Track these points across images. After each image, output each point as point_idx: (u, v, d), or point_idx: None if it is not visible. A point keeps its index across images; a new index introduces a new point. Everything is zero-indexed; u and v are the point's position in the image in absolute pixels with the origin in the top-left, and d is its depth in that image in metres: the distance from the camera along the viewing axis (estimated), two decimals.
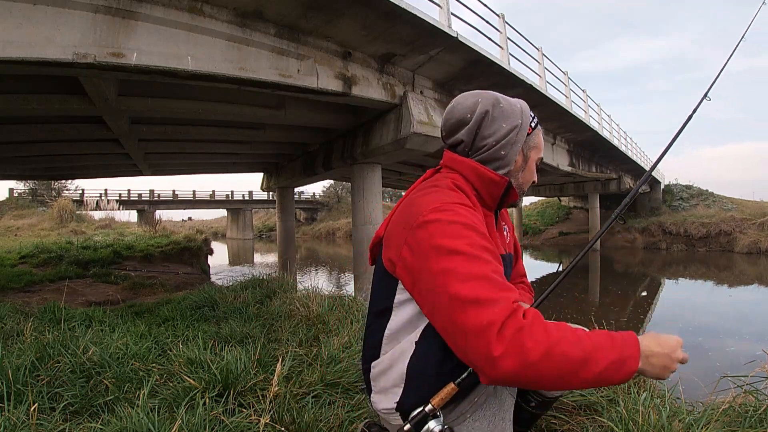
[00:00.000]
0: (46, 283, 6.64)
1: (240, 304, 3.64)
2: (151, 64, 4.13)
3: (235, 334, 2.69)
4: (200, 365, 1.88)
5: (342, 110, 7.52)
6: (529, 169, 0.98)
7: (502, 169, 0.92)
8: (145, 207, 32.69)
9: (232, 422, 1.42)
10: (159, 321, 3.50)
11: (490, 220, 0.94)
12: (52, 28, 3.66)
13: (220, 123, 8.05)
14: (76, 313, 3.21)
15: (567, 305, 9.00)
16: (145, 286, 6.82)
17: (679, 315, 8.65)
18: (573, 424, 1.47)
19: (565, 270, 0.99)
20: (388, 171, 14.63)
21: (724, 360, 5.53)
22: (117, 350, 2.14)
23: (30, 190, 26.09)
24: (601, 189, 19.70)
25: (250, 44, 4.78)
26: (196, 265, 10.42)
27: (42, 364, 1.92)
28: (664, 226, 20.35)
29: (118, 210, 17.93)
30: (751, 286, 11.96)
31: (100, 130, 7.24)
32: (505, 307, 0.69)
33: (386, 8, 4.80)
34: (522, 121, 0.93)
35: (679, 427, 1.33)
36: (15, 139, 7.67)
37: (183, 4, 4.22)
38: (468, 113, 0.91)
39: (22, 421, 1.43)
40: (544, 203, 29.64)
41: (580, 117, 11.85)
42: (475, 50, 6.16)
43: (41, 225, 14.90)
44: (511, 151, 0.92)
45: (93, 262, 8.29)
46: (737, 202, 22.00)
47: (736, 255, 17.35)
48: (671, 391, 1.68)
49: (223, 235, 40.37)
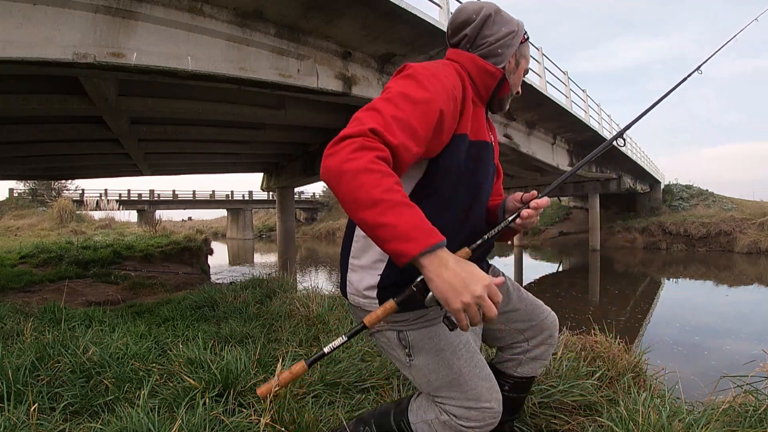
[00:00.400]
0: (46, 283, 6.64)
1: (240, 304, 3.64)
2: (151, 64, 4.13)
3: (235, 334, 2.69)
4: (200, 365, 1.88)
5: (342, 110, 7.52)
6: (518, 74, 1.08)
7: (497, 65, 1.02)
8: (145, 207, 32.72)
9: (232, 422, 1.42)
10: (159, 321, 3.50)
11: (480, 110, 1.02)
12: (52, 28, 3.66)
13: (220, 123, 8.05)
14: (76, 313, 3.21)
15: (567, 305, 9.01)
16: (145, 286, 6.82)
17: (679, 315, 8.66)
18: (573, 424, 1.47)
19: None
20: None
21: (724, 360, 5.54)
22: (117, 350, 2.14)
23: (30, 190, 26.12)
24: (601, 189, 19.69)
25: (250, 44, 4.79)
26: (196, 265, 10.42)
27: (42, 364, 1.91)
28: (664, 226, 20.35)
29: (118, 210, 17.93)
30: (751, 286, 11.96)
31: (100, 130, 7.24)
32: (365, 130, 0.73)
33: (386, 8, 4.81)
34: (518, 29, 1.05)
35: (679, 427, 1.32)
36: (15, 139, 7.68)
37: (183, 4, 4.22)
38: (473, 15, 1.02)
39: (22, 421, 1.43)
40: None
41: (580, 117, 11.85)
42: None
43: (41, 225, 14.90)
44: (507, 51, 1.03)
45: (93, 262, 8.29)
46: (737, 202, 22.01)
47: (736, 255, 17.35)
48: (671, 391, 1.68)
49: (223, 235, 40.38)
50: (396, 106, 0.78)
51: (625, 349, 2.15)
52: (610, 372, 1.88)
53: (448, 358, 0.96)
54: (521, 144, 10.57)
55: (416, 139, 0.79)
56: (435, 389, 0.99)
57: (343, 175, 0.71)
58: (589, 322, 2.62)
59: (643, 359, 2.12)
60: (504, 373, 1.20)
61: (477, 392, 0.97)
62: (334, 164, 0.72)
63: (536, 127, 11.41)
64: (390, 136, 0.75)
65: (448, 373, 0.96)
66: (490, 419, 0.98)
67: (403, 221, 0.69)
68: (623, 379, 1.81)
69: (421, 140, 0.80)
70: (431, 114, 0.81)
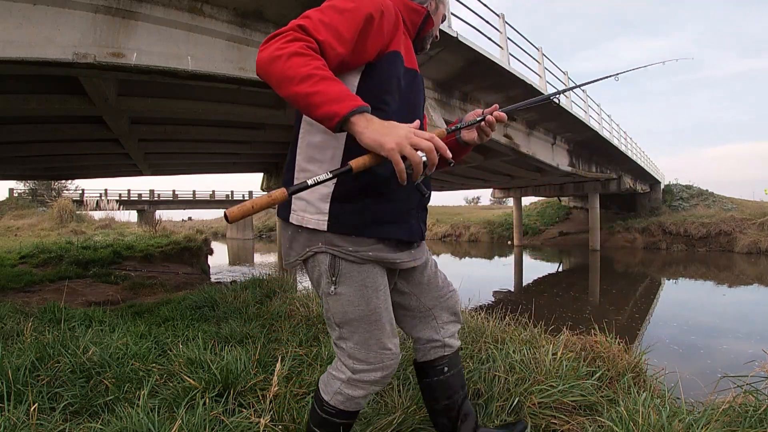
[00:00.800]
0: (46, 283, 6.64)
1: (240, 304, 3.64)
2: (151, 64, 4.13)
3: (235, 334, 2.69)
4: (200, 365, 1.88)
5: None
6: (438, 16, 1.19)
7: (422, 4, 1.14)
8: (145, 207, 32.73)
9: (232, 422, 1.42)
10: (159, 321, 3.50)
11: (410, 43, 1.13)
12: (52, 28, 3.66)
13: (220, 123, 8.05)
14: (76, 313, 3.21)
15: (567, 305, 9.01)
16: (145, 286, 6.82)
17: (679, 314, 8.65)
18: (573, 424, 1.47)
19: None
20: None
21: (724, 360, 5.54)
22: (117, 350, 2.14)
23: (30, 190, 26.13)
24: (601, 189, 19.69)
25: (250, 44, 4.78)
26: (196, 265, 10.42)
27: (42, 364, 1.92)
28: (664, 226, 20.34)
29: (118, 210, 17.93)
30: (751, 286, 11.96)
31: (100, 130, 7.25)
32: (294, 26, 0.87)
33: None
34: None
35: (679, 427, 1.32)
36: (15, 139, 7.68)
37: (183, 4, 4.22)
38: None
39: (22, 421, 1.43)
40: (544, 203, 29.65)
41: (580, 117, 11.85)
42: (475, 50, 6.16)
43: (41, 225, 14.90)
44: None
45: (93, 262, 8.28)
46: (737, 202, 22.01)
47: (736, 255, 17.35)
48: (671, 391, 1.68)
49: (223, 235, 40.38)
50: (322, 13, 0.90)
51: (625, 349, 2.15)
52: (610, 372, 1.88)
53: (369, 295, 1.04)
54: (521, 144, 10.56)
55: (341, 40, 0.90)
56: (346, 322, 1.06)
57: (275, 60, 0.82)
58: (589, 322, 2.63)
59: (643, 359, 2.11)
60: (432, 361, 1.26)
61: (383, 333, 1.06)
62: (266, 54, 0.83)
63: (536, 127, 11.41)
64: (316, 33, 0.86)
65: (365, 308, 1.04)
66: (388, 361, 1.07)
67: (333, 89, 0.80)
68: (623, 379, 1.81)
69: (346, 42, 0.90)
70: (356, 19, 0.91)
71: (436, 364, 1.25)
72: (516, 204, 25.20)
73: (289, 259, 1.09)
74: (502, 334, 2.33)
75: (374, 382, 1.07)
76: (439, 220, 32.13)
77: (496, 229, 27.69)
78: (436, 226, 30.86)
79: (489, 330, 2.40)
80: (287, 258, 1.10)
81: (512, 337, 2.30)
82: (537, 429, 1.47)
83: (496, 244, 25.92)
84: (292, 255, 1.08)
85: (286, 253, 1.11)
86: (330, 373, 1.13)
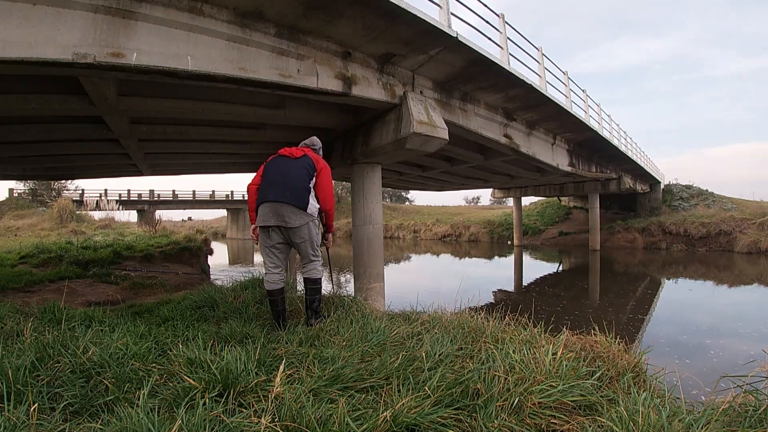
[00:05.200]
0: (46, 283, 6.64)
1: (240, 304, 3.64)
2: (151, 64, 4.13)
3: (235, 334, 2.69)
4: (200, 365, 1.88)
5: (342, 110, 7.52)
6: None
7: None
8: (145, 207, 32.71)
9: (232, 422, 1.42)
10: (159, 321, 3.50)
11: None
12: (52, 28, 3.66)
13: (220, 123, 8.04)
14: (76, 313, 3.21)
15: (566, 305, 9.00)
16: (145, 286, 6.82)
17: (679, 314, 8.66)
18: (573, 424, 1.47)
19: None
20: (387, 171, 14.63)
21: (724, 360, 5.54)
22: (117, 350, 2.14)
23: (30, 190, 26.10)
24: (601, 189, 19.68)
25: (250, 44, 4.78)
26: (196, 265, 10.42)
27: (42, 364, 1.91)
28: (664, 226, 20.36)
29: (118, 210, 17.94)
30: (750, 286, 11.96)
31: (100, 130, 7.24)
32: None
33: (386, 8, 4.80)
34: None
35: (679, 427, 1.32)
36: (15, 139, 7.67)
37: (183, 4, 4.22)
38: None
39: (22, 421, 1.43)
40: (544, 203, 29.65)
41: (580, 117, 11.84)
42: (475, 50, 6.16)
43: (41, 225, 14.90)
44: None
45: (93, 262, 8.29)
46: (737, 202, 22.02)
47: (736, 255, 17.36)
48: (671, 391, 1.68)
49: (223, 235, 40.38)
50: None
51: (625, 349, 2.15)
52: (610, 372, 1.88)
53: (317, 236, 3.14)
54: (521, 144, 10.55)
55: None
56: (316, 247, 3.10)
57: (331, 209, 3.26)
58: (589, 322, 2.63)
59: (643, 359, 2.12)
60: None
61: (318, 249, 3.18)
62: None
63: (536, 127, 11.39)
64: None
65: (316, 240, 3.11)
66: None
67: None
68: (623, 379, 1.81)
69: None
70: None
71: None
72: (516, 204, 25.20)
73: (295, 224, 2.97)
74: (502, 334, 2.33)
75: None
76: (439, 220, 32.12)
77: (496, 229, 27.70)
78: (436, 226, 30.87)
79: (489, 330, 2.40)
80: (294, 224, 2.97)
81: (512, 337, 2.30)
82: (537, 429, 1.47)
83: (496, 244, 25.93)
84: (298, 221, 2.97)
85: (295, 221, 2.97)
86: (316, 269, 3.15)
